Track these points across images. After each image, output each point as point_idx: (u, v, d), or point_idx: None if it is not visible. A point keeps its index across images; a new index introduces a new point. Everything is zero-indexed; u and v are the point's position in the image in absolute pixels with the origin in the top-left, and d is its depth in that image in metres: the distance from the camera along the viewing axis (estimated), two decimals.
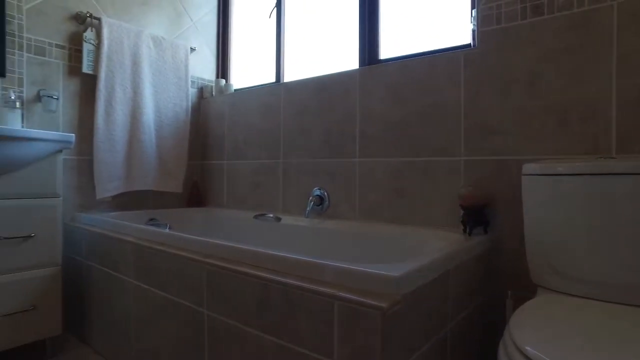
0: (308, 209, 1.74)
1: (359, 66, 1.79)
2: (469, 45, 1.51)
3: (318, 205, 1.76)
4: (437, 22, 1.66)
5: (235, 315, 1.00)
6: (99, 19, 1.90)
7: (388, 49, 1.77)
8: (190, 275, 1.13)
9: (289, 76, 2.15)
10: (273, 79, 2.18)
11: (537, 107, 1.29)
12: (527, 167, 1.11)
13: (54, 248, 1.51)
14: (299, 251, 1.44)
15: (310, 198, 1.76)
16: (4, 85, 1.67)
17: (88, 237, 1.63)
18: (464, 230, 1.33)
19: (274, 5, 2.18)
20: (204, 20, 2.42)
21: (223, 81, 2.35)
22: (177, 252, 1.17)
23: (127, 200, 2.06)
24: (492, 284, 1.36)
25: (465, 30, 1.57)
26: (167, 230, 1.33)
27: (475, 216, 1.32)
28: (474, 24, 1.45)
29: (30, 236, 1.44)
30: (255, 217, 1.93)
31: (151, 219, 1.95)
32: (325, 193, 1.76)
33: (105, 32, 1.89)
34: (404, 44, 1.74)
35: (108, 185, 1.89)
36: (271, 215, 1.86)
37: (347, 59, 1.90)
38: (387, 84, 1.61)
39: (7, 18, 1.67)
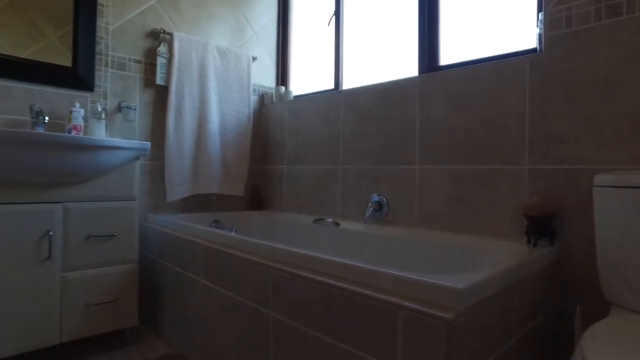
0: (367, 214, 1.76)
1: (419, 72, 1.79)
2: (534, 49, 1.46)
3: (377, 212, 1.78)
4: (500, 25, 1.62)
5: (299, 317, 1.05)
6: (170, 34, 2.04)
7: (448, 55, 1.75)
8: (256, 277, 1.20)
9: (347, 83, 2.19)
10: (331, 86, 2.23)
11: (611, 114, 1.23)
12: (600, 179, 1.06)
13: (131, 246, 1.65)
14: (357, 257, 1.47)
15: (369, 204, 1.79)
16: (93, 99, 1.85)
17: (160, 237, 1.77)
18: (528, 242, 1.29)
19: (333, 13, 2.22)
20: (264, 30, 2.52)
21: (283, 88, 2.44)
22: (244, 255, 1.24)
23: (193, 203, 2.20)
24: (558, 298, 1.31)
25: (530, 34, 1.52)
26: (233, 234, 1.41)
27: (541, 227, 1.28)
28: (540, 28, 1.41)
29: (113, 235, 1.59)
30: (314, 221, 1.98)
31: (215, 221, 2.07)
32: (384, 199, 1.78)
33: (176, 46, 2.03)
34: (465, 49, 1.71)
35: (177, 188, 2.03)
36: (330, 219, 1.90)
37: (406, 65, 1.90)
38: (448, 91, 1.60)
39: (97, 39, 1.85)
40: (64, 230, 1.48)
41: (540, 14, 1.42)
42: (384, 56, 2.04)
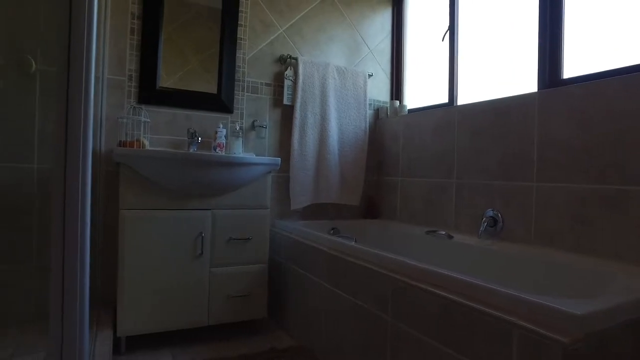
0: (481, 229, 1.76)
1: (538, 87, 1.72)
2: None
3: (491, 227, 1.76)
4: (630, 34, 1.49)
5: (417, 325, 1.13)
6: (296, 59, 2.28)
7: (571, 67, 1.66)
8: (376, 285, 1.31)
9: (462, 97, 2.19)
10: (446, 100, 2.25)
11: None
12: None
13: (263, 249, 1.90)
14: (469, 271, 1.48)
15: (484, 219, 1.78)
16: (232, 120, 2.16)
17: (286, 241, 1.99)
18: None
19: (447, 28, 2.24)
20: (379, 47, 2.64)
21: (397, 102, 2.53)
22: (365, 264, 1.37)
23: (313, 210, 2.40)
24: None
25: None
26: (354, 244, 1.54)
27: None
28: None
29: (249, 238, 1.85)
30: (427, 232, 2.02)
31: (333, 228, 2.24)
32: (499, 215, 1.75)
33: (300, 69, 2.26)
34: (590, 61, 1.60)
35: (300, 198, 2.25)
36: (443, 232, 1.93)
37: (524, 78, 1.84)
38: (571, 107, 1.52)
39: (236, 68, 2.17)
40: (212, 233, 1.78)
41: None
42: (501, 70, 2.00)
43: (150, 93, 1.98)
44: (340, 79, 2.40)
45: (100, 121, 1.87)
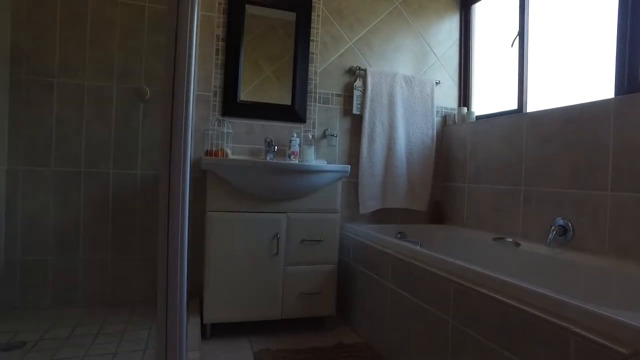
0: (550, 237, 1.74)
1: (615, 92, 1.67)
2: None
3: (561, 235, 1.74)
4: None
5: (476, 327, 1.19)
6: (364, 70, 2.39)
7: None
8: (438, 287, 1.38)
9: (531, 104, 2.16)
10: (515, 106, 2.23)
11: None
12: None
13: (333, 250, 2.03)
14: (537, 279, 1.49)
15: (553, 227, 1.76)
16: (305, 129, 2.33)
17: (354, 243, 2.10)
18: None
19: (517, 34, 2.22)
20: (446, 55, 2.66)
21: (465, 109, 2.54)
22: (429, 268, 1.44)
23: (381, 215, 2.49)
24: None
25: None
26: (418, 248, 1.62)
27: None
28: None
29: (320, 240, 1.99)
30: (494, 239, 2.03)
31: (399, 233, 2.32)
32: (570, 224, 1.72)
33: (369, 80, 2.37)
34: None
35: (368, 203, 2.36)
36: (510, 239, 1.93)
37: (596, 84, 1.79)
38: None
39: (308, 81, 2.33)
40: (287, 234, 1.95)
41: None
42: (571, 75, 1.95)
43: (232, 106, 2.21)
44: (408, 87, 2.47)
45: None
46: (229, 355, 1.74)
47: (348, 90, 2.43)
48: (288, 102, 2.31)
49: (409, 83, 2.47)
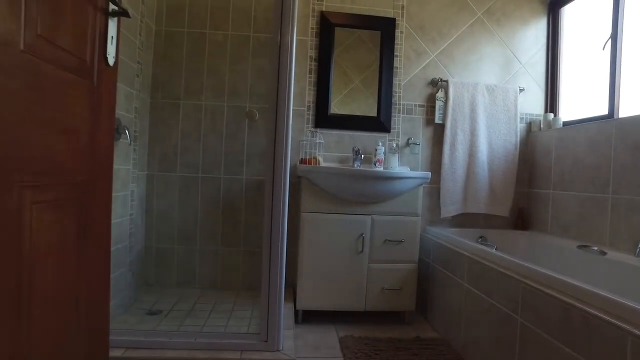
0: (639, 248, 1.72)
1: None
2: None
3: None
4: None
5: (542, 325, 1.29)
6: (446, 81, 2.51)
7: None
8: (508, 287, 1.49)
9: (623, 109, 2.10)
10: (604, 111, 2.18)
11: None
12: None
13: (413, 250, 2.19)
14: (623, 289, 1.51)
15: None
16: (389, 138, 2.52)
17: (434, 245, 2.24)
18: None
19: (609, 36, 2.18)
20: (532, 61, 2.66)
21: (551, 115, 2.52)
22: (500, 269, 1.55)
23: (463, 219, 2.58)
24: None
25: None
26: (493, 251, 1.73)
27: None
28: None
29: (401, 241, 2.17)
30: (579, 247, 2.03)
31: (480, 237, 2.40)
32: None
33: (451, 90, 2.49)
34: None
35: (450, 207, 2.48)
36: (595, 248, 1.92)
37: None
38: None
39: (392, 94, 2.52)
40: (371, 234, 2.16)
41: None
42: None
43: (323, 119, 2.48)
44: (490, 96, 2.53)
45: None
46: (317, 337, 2.00)
47: (430, 101, 2.57)
48: (374, 113, 2.52)
49: (491, 92, 2.53)
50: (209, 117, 2.46)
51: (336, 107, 2.52)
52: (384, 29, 2.51)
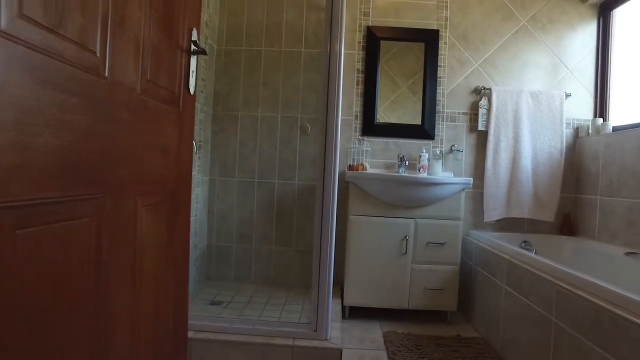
0: None
1: None
2: None
3: None
4: None
5: (574, 325, 1.37)
6: (489, 89, 2.58)
7: None
8: (544, 290, 1.57)
9: None
10: None
11: None
12: None
13: (455, 253, 2.29)
14: None
15: None
16: (433, 145, 2.63)
17: (476, 248, 2.33)
18: None
19: None
20: (579, 66, 2.66)
21: (600, 120, 2.52)
22: (536, 271, 1.64)
23: (506, 224, 2.64)
24: None
25: None
26: (532, 255, 1.80)
27: None
28: None
29: (443, 244, 2.28)
30: (627, 254, 2.04)
31: (524, 242, 2.45)
32: None
33: (494, 98, 2.55)
34: None
35: (493, 212, 2.54)
36: None
37: None
38: None
39: (436, 102, 2.63)
40: (414, 237, 2.28)
41: None
42: None
43: (370, 128, 2.64)
44: (534, 102, 2.57)
45: None
46: (362, 331, 2.16)
47: (473, 109, 2.65)
48: (418, 121, 2.64)
49: (536, 98, 2.57)
50: (265, 127, 2.69)
51: (383, 113, 2.66)
52: (428, 41, 2.63)
